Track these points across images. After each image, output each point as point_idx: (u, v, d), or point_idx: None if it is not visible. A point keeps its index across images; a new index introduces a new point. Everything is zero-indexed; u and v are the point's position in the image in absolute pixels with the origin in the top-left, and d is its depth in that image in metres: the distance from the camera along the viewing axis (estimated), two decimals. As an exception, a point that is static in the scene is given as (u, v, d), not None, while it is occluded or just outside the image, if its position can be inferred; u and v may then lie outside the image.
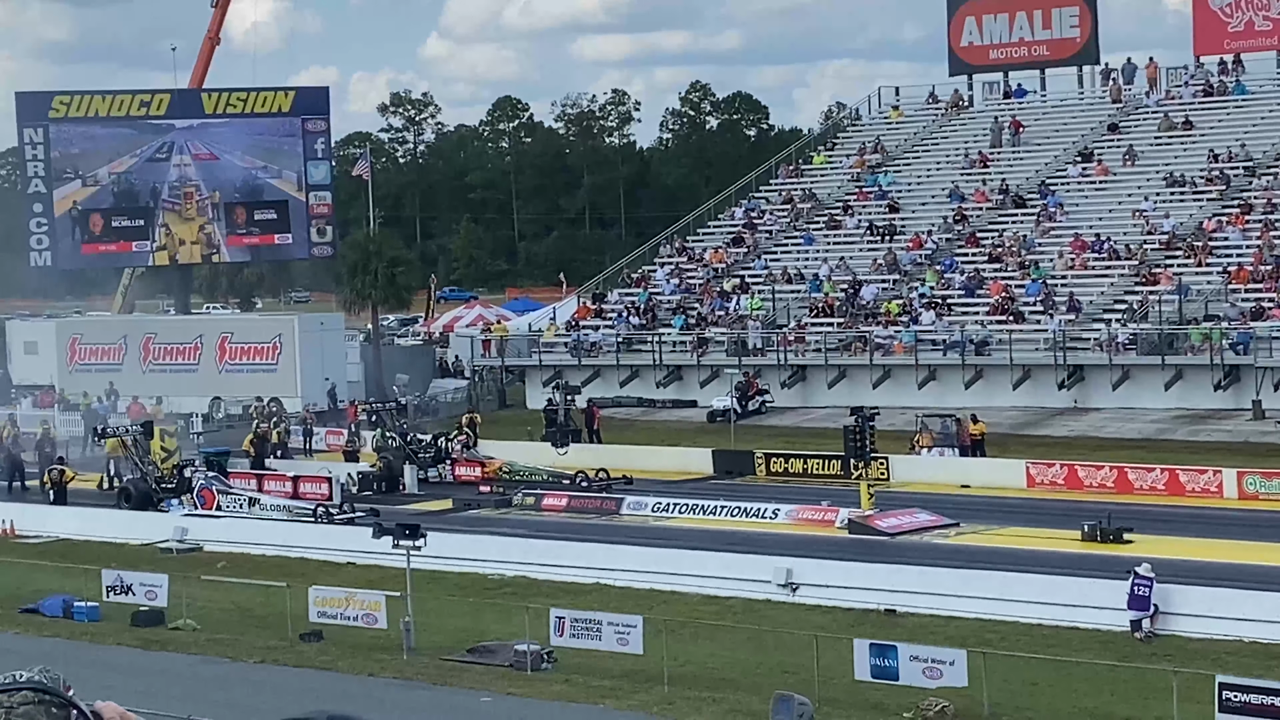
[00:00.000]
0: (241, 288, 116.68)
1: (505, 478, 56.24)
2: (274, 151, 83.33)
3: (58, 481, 55.82)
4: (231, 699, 32.54)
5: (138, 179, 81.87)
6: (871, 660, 32.19)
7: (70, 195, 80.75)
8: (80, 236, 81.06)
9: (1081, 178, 75.93)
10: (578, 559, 43.21)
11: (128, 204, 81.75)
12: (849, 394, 65.28)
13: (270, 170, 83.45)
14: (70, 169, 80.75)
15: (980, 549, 43.32)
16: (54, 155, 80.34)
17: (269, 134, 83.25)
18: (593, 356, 73.77)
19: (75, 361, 79.95)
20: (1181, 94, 78.94)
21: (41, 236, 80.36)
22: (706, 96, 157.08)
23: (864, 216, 78.13)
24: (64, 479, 55.89)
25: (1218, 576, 37.93)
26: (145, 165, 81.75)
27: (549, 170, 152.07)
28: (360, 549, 44.11)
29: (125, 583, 42.14)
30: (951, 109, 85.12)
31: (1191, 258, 67.35)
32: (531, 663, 34.66)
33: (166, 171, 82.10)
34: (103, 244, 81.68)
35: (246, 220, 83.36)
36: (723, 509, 49.13)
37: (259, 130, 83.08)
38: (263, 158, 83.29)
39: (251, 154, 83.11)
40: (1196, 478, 49.77)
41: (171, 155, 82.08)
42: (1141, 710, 30.40)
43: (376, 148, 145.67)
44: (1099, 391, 63.67)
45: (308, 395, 71.54)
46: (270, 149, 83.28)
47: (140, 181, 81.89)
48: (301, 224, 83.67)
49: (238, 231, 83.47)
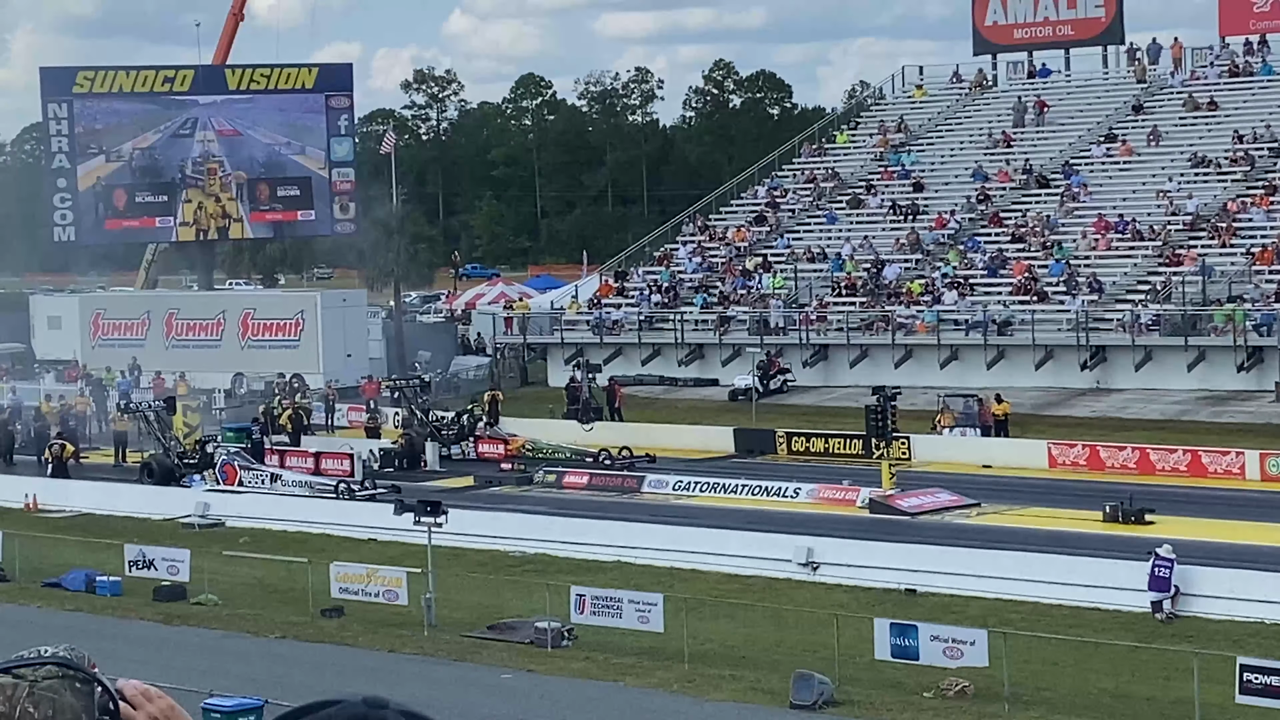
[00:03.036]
0: (264, 264, 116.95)
1: (529, 455, 56.29)
2: (297, 128, 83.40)
3: (58, 457, 56.06)
4: (253, 674, 32.63)
5: (161, 155, 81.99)
6: (892, 640, 32.20)
7: (94, 171, 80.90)
8: (104, 212, 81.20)
9: (1105, 158, 75.70)
10: (599, 537, 43.29)
11: (151, 180, 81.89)
12: (871, 373, 65.24)
13: (294, 146, 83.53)
14: (94, 144, 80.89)
15: (1001, 529, 43.32)
16: (78, 130, 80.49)
17: (293, 110, 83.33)
18: (614, 334, 73.75)
19: (98, 336, 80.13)
20: (1206, 74, 78.62)
21: (65, 212, 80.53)
22: (730, 75, 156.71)
23: (887, 196, 78.01)
24: (64, 454, 56.12)
25: (1239, 558, 37.91)
26: (169, 141, 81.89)
27: (572, 148, 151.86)
28: (382, 525, 44.21)
29: (147, 557, 42.28)
30: (975, 88, 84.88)
31: (1215, 238, 67.16)
32: (552, 640, 34.72)
33: (190, 147, 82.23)
34: (126, 219, 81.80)
35: (270, 196, 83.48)
36: (744, 488, 49.16)
37: (282, 106, 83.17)
38: (286, 134, 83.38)
39: (275, 130, 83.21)
40: (1219, 459, 49.69)
41: (195, 131, 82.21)
42: (1162, 691, 30.39)
43: (399, 124, 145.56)
44: (1121, 372, 63.55)
45: (329, 372, 71.63)
46: (294, 125, 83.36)
47: (164, 157, 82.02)
48: (324, 200, 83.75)
49: (261, 208, 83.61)
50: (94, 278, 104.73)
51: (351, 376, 70.90)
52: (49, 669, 2.94)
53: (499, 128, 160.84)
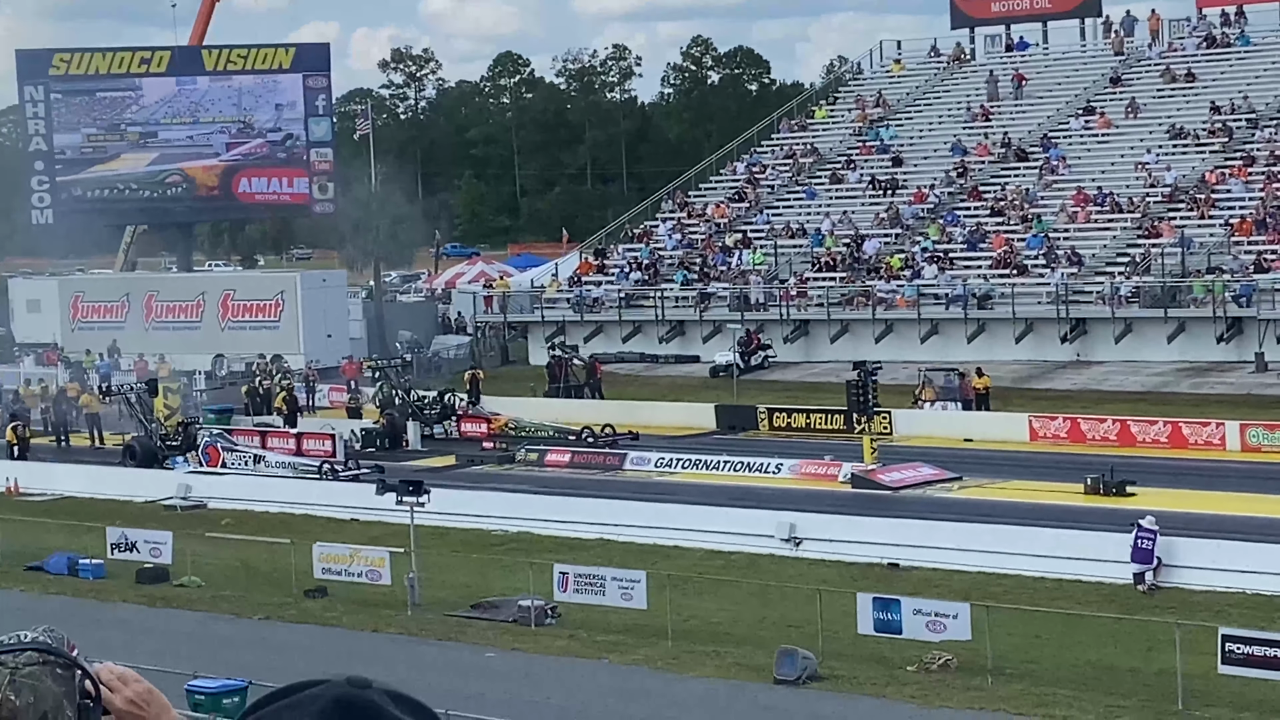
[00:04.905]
0: (243, 245, 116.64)
1: (512, 434, 56.28)
2: (276, 108, 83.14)
3: (23, 438, 56.38)
4: (236, 655, 32.61)
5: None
6: (875, 614, 32.24)
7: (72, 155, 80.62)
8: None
9: (1084, 131, 75.73)
10: (581, 515, 43.28)
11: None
12: (851, 348, 65.27)
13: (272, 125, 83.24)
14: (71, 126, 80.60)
15: (983, 502, 43.39)
16: (55, 112, 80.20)
17: (270, 91, 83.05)
18: (595, 312, 73.72)
19: (78, 319, 79.93)
20: (1184, 46, 78.67)
21: (43, 195, 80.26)
22: (708, 51, 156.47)
23: (866, 171, 77.99)
24: (27, 436, 56.60)
25: (1220, 529, 37.99)
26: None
27: (550, 126, 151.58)
28: (364, 505, 44.18)
29: (130, 540, 42.22)
30: (953, 62, 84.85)
31: (1194, 210, 67.23)
32: (535, 618, 34.76)
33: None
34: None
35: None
36: (726, 464, 49.20)
37: (261, 87, 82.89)
38: (264, 115, 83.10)
39: (253, 111, 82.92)
40: (1199, 430, 49.79)
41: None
42: (1145, 662, 30.48)
43: (378, 104, 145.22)
44: (1102, 345, 63.63)
45: (310, 352, 71.52)
46: (272, 106, 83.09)
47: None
48: (303, 181, 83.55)
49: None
50: (72, 260, 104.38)
51: (332, 357, 70.80)
52: (29, 655, 2.93)
53: (477, 106, 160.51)
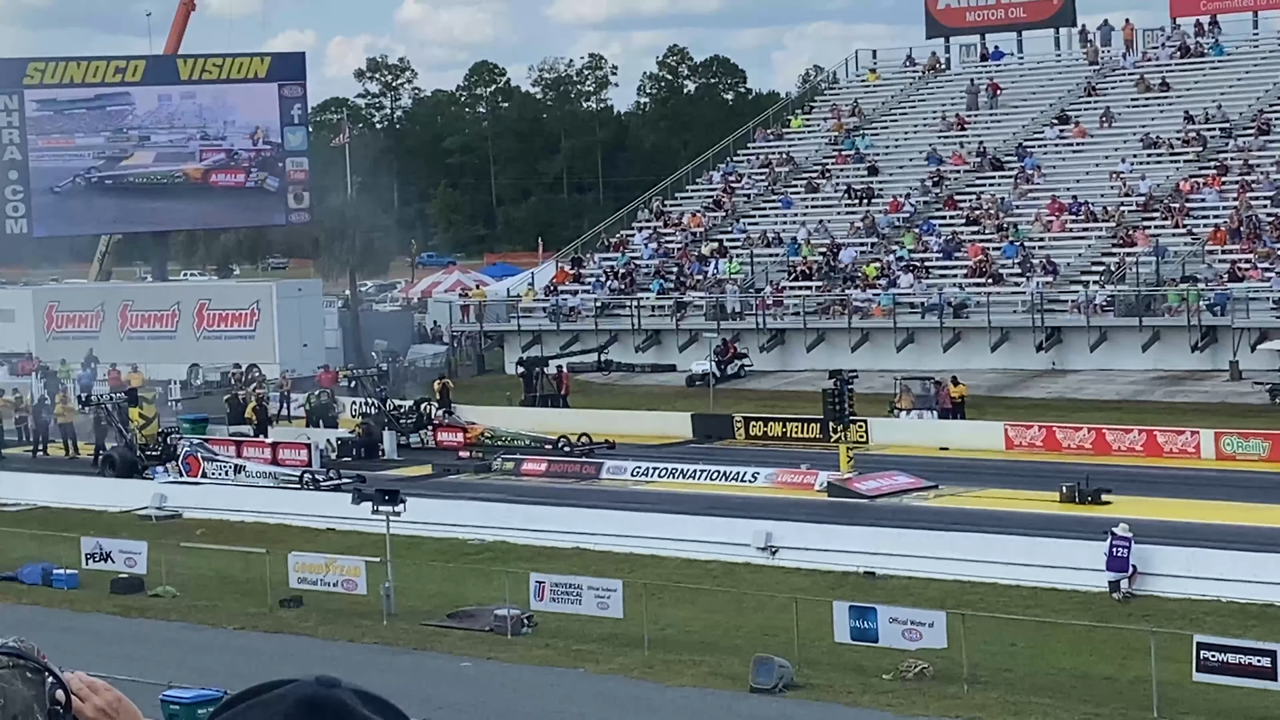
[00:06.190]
0: (218, 254, 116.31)
1: (488, 443, 56.23)
2: (250, 117, 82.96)
3: None
4: (211, 665, 32.53)
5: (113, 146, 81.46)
6: (851, 622, 32.29)
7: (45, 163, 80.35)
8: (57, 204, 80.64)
9: (1059, 140, 75.93)
10: (557, 523, 43.27)
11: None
12: (828, 357, 65.33)
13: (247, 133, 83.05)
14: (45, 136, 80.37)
15: (959, 511, 43.43)
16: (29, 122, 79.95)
17: (245, 100, 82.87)
18: (571, 321, 73.71)
19: (53, 329, 79.69)
20: (1158, 55, 78.94)
21: (18, 204, 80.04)
22: (684, 60, 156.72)
23: (842, 180, 78.11)
24: None
25: (1195, 537, 38.05)
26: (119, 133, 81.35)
27: (526, 135, 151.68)
28: (339, 515, 44.11)
29: (104, 550, 42.13)
30: (929, 72, 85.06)
31: (1168, 219, 67.43)
32: (512, 627, 34.73)
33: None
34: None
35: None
36: (702, 473, 49.16)
37: (235, 96, 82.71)
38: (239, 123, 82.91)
39: (227, 119, 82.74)
40: (1174, 438, 49.90)
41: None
42: (1120, 670, 30.55)
43: (353, 113, 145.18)
44: (1077, 353, 63.78)
45: (286, 361, 71.39)
46: (246, 115, 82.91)
47: (116, 148, 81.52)
48: (278, 190, 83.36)
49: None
50: (47, 270, 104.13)
51: (308, 366, 70.67)
52: (0, 660, 2.93)
53: (453, 115, 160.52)
